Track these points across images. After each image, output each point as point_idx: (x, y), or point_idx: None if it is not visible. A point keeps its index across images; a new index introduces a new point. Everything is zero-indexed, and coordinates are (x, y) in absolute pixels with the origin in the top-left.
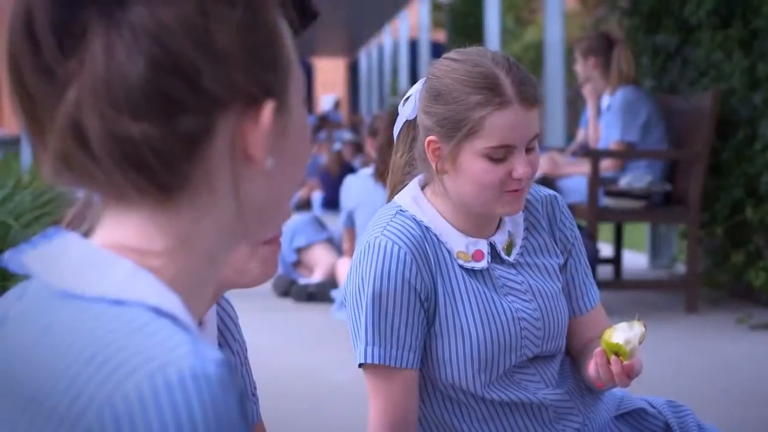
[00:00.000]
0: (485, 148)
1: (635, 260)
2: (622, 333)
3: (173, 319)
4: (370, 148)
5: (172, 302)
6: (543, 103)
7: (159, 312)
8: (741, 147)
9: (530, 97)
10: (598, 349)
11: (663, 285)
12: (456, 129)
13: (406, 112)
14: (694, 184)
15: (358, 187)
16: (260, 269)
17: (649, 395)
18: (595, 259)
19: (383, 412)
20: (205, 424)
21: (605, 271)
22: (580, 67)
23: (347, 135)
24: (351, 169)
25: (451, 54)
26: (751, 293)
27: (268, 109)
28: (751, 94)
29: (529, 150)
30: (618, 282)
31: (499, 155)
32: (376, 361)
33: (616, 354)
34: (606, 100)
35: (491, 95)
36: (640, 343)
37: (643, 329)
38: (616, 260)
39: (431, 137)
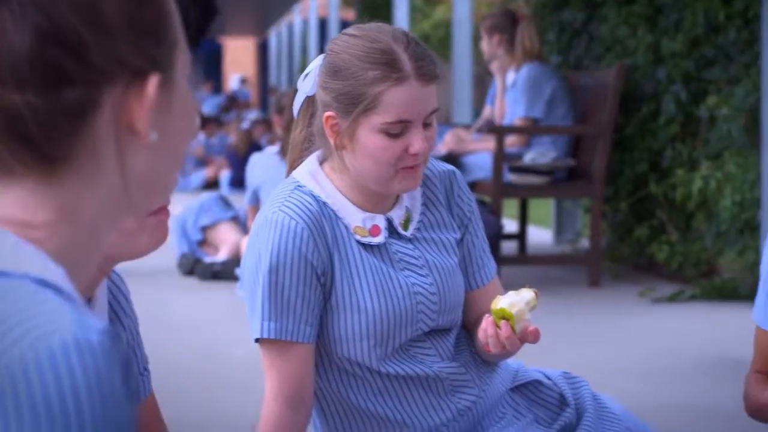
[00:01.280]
0: (382, 124)
1: (540, 235)
2: (508, 298)
3: (57, 290)
4: (277, 125)
5: (56, 274)
6: (442, 79)
7: (43, 283)
8: (645, 122)
9: (428, 72)
10: (486, 315)
11: (567, 260)
12: (353, 104)
13: (305, 88)
14: (598, 159)
15: (264, 164)
16: (149, 239)
17: (547, 368)
18: (499, 235)
19: (279, 386)
20: (88, 393)
21: (510, 246)
22: (485, 45)
23: (256, 114)
24: (259, 148)
25: (350, 30)
26: (654, 267)
27: (153, 83)
28: (656, 70)
29: (426, 126)
30: (522, 257)
31: (396, 131)
32: (272, 336)
33: (505, 319)
34: (511, 77)
35: (388, 71)
36: (532, 308)
37: (533, 295)
38: (520, 236)
39: (329, 113)
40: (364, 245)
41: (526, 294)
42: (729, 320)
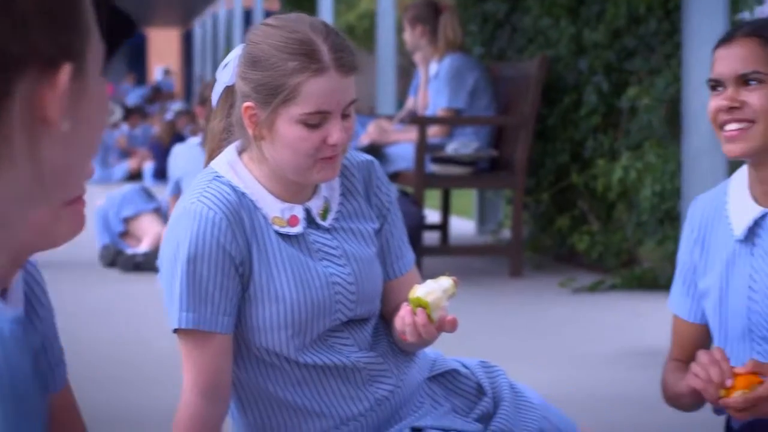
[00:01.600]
0: (301, 115)
1: (463, 226)
2: (425, 287)
3: None
4: (200, 116)
5: None
6: (361, 69)
7: None
8: (567, 113)
9: (347, 63)
10: (404, 304)
11: (489, 250)
12: (272, 95)
13: (224, 77)
14: (520, 149)
15: (186, 155)
16: (64, 229)
17: (467, 357)
18: (421, 226)
19: (196, 377)
20: None
21: (432, 237)
22: (408, 36)
23: (180, 105)
24: (182, 139)
25: (270, 20)
26: (575, 257)
27: (65, 72)
28: (577, 61)
29: (345, 116)
30: (445, 248)
31: (314, 121)
32: (190, 326)
33: (422, 307)
34: (434, 68)
35: (307, 61)
36: (451, 296)
37: (451, 283)
38: (443, 226)
39: (248, 103)
40: (283, 235)
41: (444, 282)
42: (648, 310)
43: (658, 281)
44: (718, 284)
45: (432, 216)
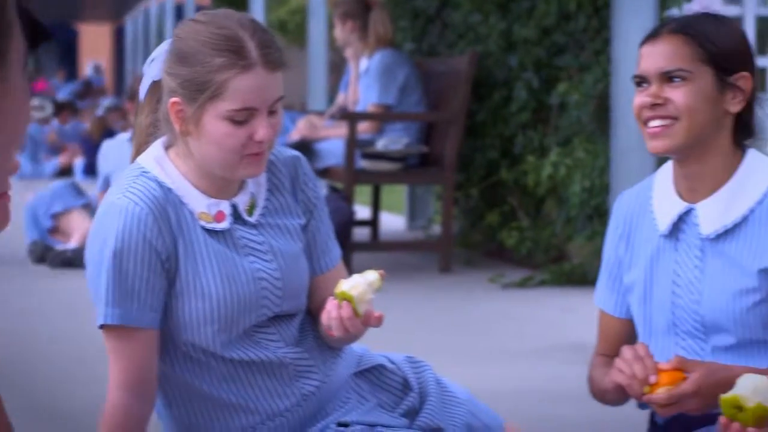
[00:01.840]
0: (228, 111)
1: (393, 222)
2: (351, 281)
3: None
4: (131, 112)
5: None
6: (288, 66)
7: None
8: (496, 109)
9: (274, 60)
10: (330, 298)
11: (419, 246)
12: (199, 91)
13: (152, 72)
14: (450, 145)
15: (115, 151)
16: None
17: (395, 353)
18: (351, 221)
19: (123, 373)
20: None
21: (362, 233)
22: (338, 32)
23: (111, 101)
24: (113, 135)
25: (197, 16)
26: (505, 253)
27: None
28: (507, 57)
29: (271, 113)
30: (375, 244)
31: (241, 118)
32: (116, 322)
33: (347, 301)
34: (364, 63)
35: (235, 58)
36: (376, 290)
37: (377, 276)
38: (373, 222)
39: (175, 99)
40: (209, 231)
41: (370, 276)
42: (577, 305)
43: (587, 277)
44: (642, 279)
45: (362, 212)
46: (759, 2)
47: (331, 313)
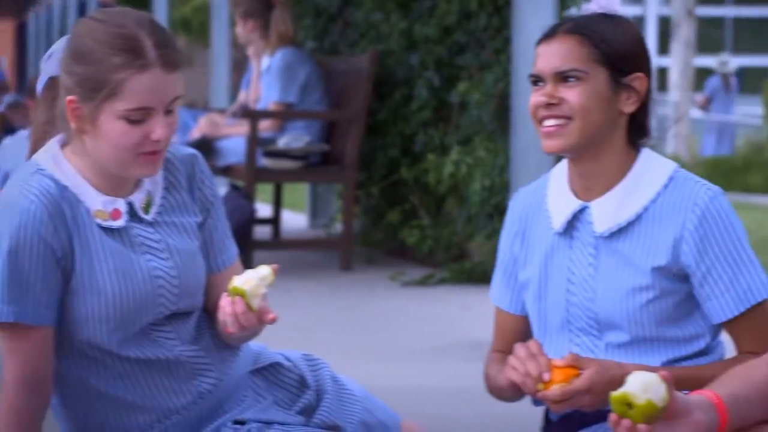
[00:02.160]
0: (124, 110)
1: (295, 220)
2: (243, 276)
3: None
4: (32, 108)
5: None
6: (186, 65)
7: None
8: (398, 107)
9: (171, 60)
10: (224, 294)
11: (320, 244)
12: (96, 90)
13: (49, 68)
14: (351, 144)
15: (15, 148)
16: None
17: (299, 351)
18: (252, 220)
19: (18, 370)
20: None
21: (264, 231)
22: (239, 30)
23: (12, 97)
24: (14, 131)
25: (95, 13)
26: (406, 251)
27: None
28: (409, 56)
29: (168, 112)
30: (276, 242)
31: (137, 117)
32: (10, 319)
33: (240, 296)
34: (266, 62)
35: (132, 57)
36: (269, 285)
37: (269, 271)
38: (274, 220)
39: (71, 97)
40: (105, 229)
41: (263, 270)
42: (477, 303)
43: (487, 275)
44: (537, 276)
45: (264, 210)
46: (660, 2)
47: (224, 309)
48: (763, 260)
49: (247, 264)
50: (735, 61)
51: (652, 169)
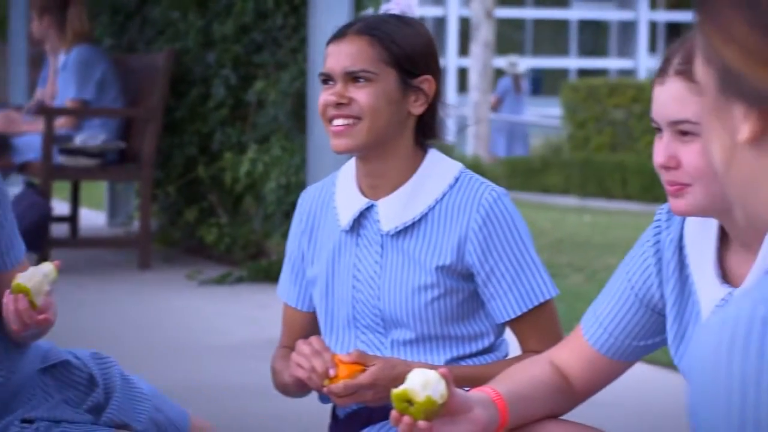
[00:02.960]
0: None
1: (94, 218)
2: (27, 274)
3: None
4: None
5: None
6: None
7: None
8: (195, 105)
9: None
10: (6, 292)
11: (118, 242)
12: None
13: None
14: (149, 142)
15: None
16: None
17: (97, 349)
18: (48, 217)
19: None
20: None
21: (61, 229)
22: (35, 26)
23: None
24: None
25: None
26: (204, 249)
27: None
28: (206, 53)
29: None
30: (74, 240)
31: None
32: None
33: (23, 293)
34: (62, 59)
35: None
36: (52, 281)
37: (52, 267)
38: (72, 218)
39: None
40: None
41: (45, 267)
42: (273, 301)
43: None
44: (324, 273)
45: (62, 208)
46: (461, 3)
47: (7, 307)
48: (560, 260)
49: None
50: (529, 63)
51: (438, 170)
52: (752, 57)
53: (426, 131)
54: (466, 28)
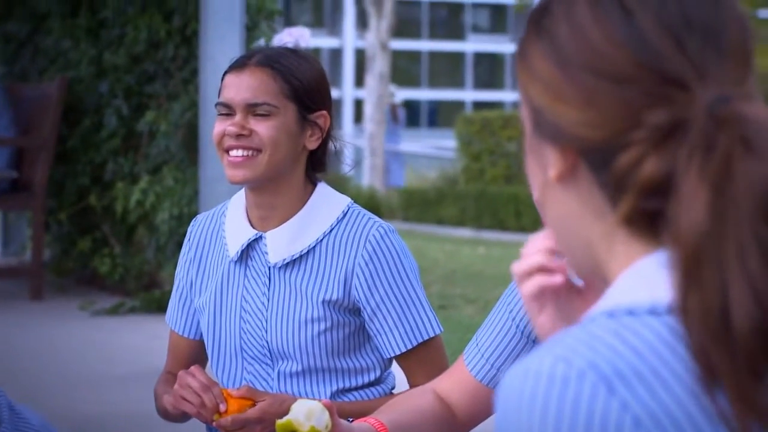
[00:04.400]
0: None
1: None
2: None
3: None
4: None
5: None
6: None
7: None
8: (87, 135)
9: None
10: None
11: (10, 272)
12: None
13: None
14: (41, 171)
15: None
16: None
17: None
18: None
19: None
20: None
21: None
22: None
23: None
24: None
25: None
26: (97, 279)
27: None
28: (98, 83)
29: None
30: None
31: None
32: None
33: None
34: None
35: None
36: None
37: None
38: None
39: None
40: None
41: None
42: (166, 331)
43: None
44: (212, 302)
45: None
46: (358, 36)
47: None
48: (453, 291)
49: None
50: (425, 94)
51: (326, 203)
52: (550, 92)
53: (316, 165)
54: (362, 59)
